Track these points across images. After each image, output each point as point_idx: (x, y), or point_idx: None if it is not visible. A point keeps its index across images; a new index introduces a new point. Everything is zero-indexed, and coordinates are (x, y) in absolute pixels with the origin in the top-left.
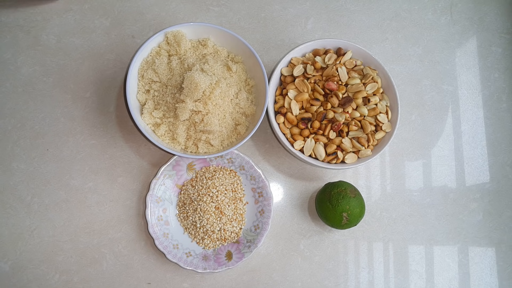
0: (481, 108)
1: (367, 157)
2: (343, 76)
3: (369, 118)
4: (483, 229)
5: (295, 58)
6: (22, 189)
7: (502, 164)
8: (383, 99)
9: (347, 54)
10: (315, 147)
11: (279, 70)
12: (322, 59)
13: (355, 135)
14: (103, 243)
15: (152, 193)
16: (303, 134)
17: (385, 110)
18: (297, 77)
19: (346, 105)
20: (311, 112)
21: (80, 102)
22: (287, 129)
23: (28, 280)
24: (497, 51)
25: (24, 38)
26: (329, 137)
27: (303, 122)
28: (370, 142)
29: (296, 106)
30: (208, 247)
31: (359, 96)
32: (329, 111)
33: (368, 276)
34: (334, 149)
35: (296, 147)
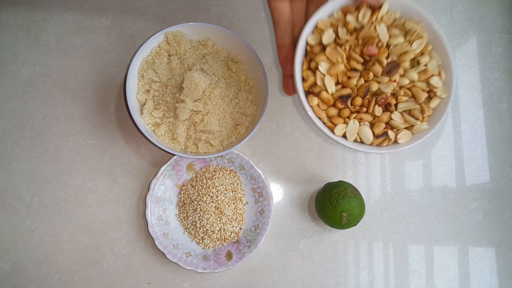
0: (481, 108)
1: (424, 132)
2: (383, 36)
3: (420, 84)
4: (483, 229)
5: (322, 21)
6: (22, 189)
7: (502, 164)
8: (433, 57)
9: (384, 6)
10: (359, 129)
11: (304, 40)
12: (355, 17)
13: (406, 107)
14: (103, 243)
15: (152, 193)
16: (343, 115)
17: (438, 71)
18: (327, 45)
19: (392, 72)
20: (350, 86)
21: (80, 102)
22: (322, 111)
23: (28, 280)
24: (497, 51)
25: (24, 38)
26: (375, 114)
27: (342, 100)
28: (425, 112)
29: (331, 81)
30: (208, 247)
31: (406, 59)
32: (372, 82)
33: (368, 276)
34: (383, 128)
35: (337, 133)
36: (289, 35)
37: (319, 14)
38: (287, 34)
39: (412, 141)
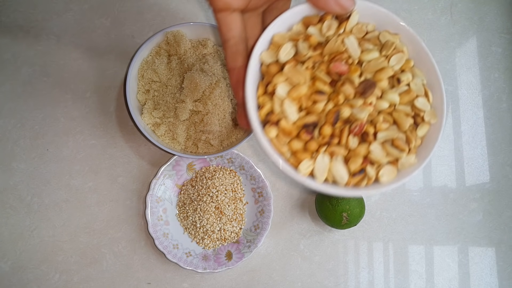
0: (481, 108)
1: (411, 168)
2: (354, 51)
3: (403, 107)
4: (483, 229)
5: (279, 35)
6: (22, 189)
7: (502, 164)
8: (416, 74)
9: (352, 16)
10: (331, 166)
11: (256, 57)
12: (318, 29)
13: (388, 136)
14: (103, 243)
15: (152, 193)
16: (309, 148)
17: (423, 91)
18: (286, 62)
19: (367, 92)
20: (316, 112)
21: (80, 102)
22: (283, 145)
23: (28, 280)
24: (497, 51)
25: (24, 38)
26: (350, 146)
27: (307, 130)
28: (411, 142)
29: (292, 107)
30: (208, 247)
31: (382, 77)
32: (343, 106)
33: (368, 276)
34: (360, 164)
35: (302, 171)
36: (242, 55)
37: (274, 26)
38: (239, 53)
39: (398, 179)
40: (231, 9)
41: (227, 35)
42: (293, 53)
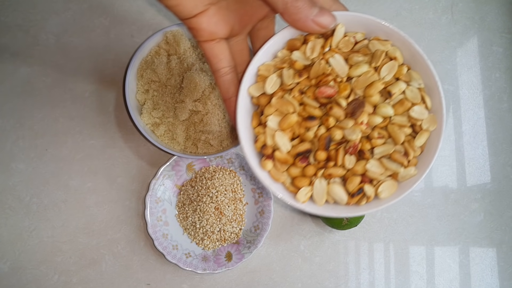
0: (482, 108)
1: (412, 180)
2: (341, 69)
3: (399, 118)
4: (484, 230)
5: (264, 65)
6: (21, 189)
7: (503, 164)
8: (412, 79)
9: (337, 30)
10: (329, 189)
11: (244, 93)
12: (303, 52)
13: (385, 151)
14: (102, 243)
15: (152, 193)
16: (307, 173)
17: (420, 98)
18: (273, 94)
19: (356, 113)
20: (309, 139)
21: (79, 102)
22: (282, 174)
23: (27, 281)
24: (498, 50)
25: (23, 37)
26: (346, 166)
27: (302, 157)
28: (409, 155)
29: (283, 138)
30: (208, 248)
31: (372, 92)
32: (334, 129)
33: (369, 277)
34: (358, 183)
35: (301, 199)
36: (234, 84)
37: (258, 58)
38: (232, 83)
39: (398, 193)
40: (216, 39)
41: (217, 66)
42: (279, 84)
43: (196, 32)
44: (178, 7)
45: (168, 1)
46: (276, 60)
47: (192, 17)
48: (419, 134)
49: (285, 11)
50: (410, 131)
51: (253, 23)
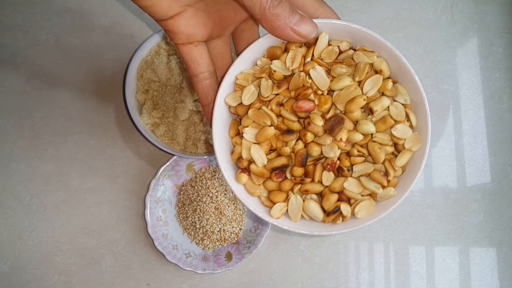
0: (482, 108)
1: (391, 201)
2: (321, 81)
3: (381, 136)
4: (484, 230)
5: (243, 74)
6: (21, 189)
7: (503, 164)
8: (398, 94)
9: (320, 39)
10: (305, 205)
11: (221, 102)
12: (283, 62)
13: (364, 169)
14: (102, 243)
15: (152, 193)
16: (284, 188)
17: (404, 115)
18: (250, 105)
19: (335, 130)
20: (285, 154)
21: (79, 102)
22: (257, 187)
23: (27, 281)
24: (498, 50)
25: (23, 37)
26: (324, 183)
27: (279, 172)
28: (389, 175)
29: (259, 152)
30: (208, 248)
31: (354, 108)
32: (311, 145)
33: (369, 277)
34: (335, 201)
35: (275, 214)
36: (213, 89)
37: (236, 66)
38: (211, 89)
39: (376, 214)
40: (195, 42)
41: (195, 70)
42: (256, 95)
43: (173, 34)
44: (152, 8)
45: (141, 1)
46: (255, 68)
47: (168, 18)
48: (401, 154)
49: (263, 18)
50: (392, 150)
51: (235, 25)
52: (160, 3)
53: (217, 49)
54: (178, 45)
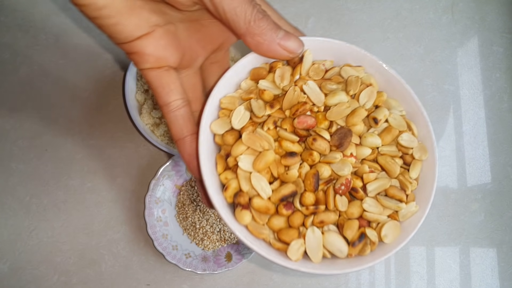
0: (482, 108)
1: (415, 217)
2: (316, 97)
3: (388, 149)
4: (485, 230)
5: (227, 97)
6: (20, 189)
7: (504, 164)
8: (391, 107)
9: (306, 56)
10: (324, 240)
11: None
12: (271, 81)
13: (380, 187)
14: (101, 244)
15: (151, 193)
16: (294, 223)
17: (405, 125)
18: (242, 129)
19: (344, 143)
20: (292, 180)
21: (78, 102)
22: (262, 228)
23: (27, 281)
24: (499, 50)
25: (22, 37)
26: (339, 209)
27: (287, 203)
28: (407, 189)
29: (262, 180)
30: (208, 248)
31: (356, 121)
32: (320, 165)
33: (369, 277)
34: (357, 228)
35: (293, 257)
36: (190, 121)
37: (219, 89)
38: (186, 119)
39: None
40: (165, 66)
41: (166, 98)
42: (248, 116)
43: (140, 57)
44: (116, 27)
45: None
46: (240, 91)
47: (135, 39)
48: (413, 165)
49: (248, 32)
50: (401, 163)
51: (206, 54)
52: (126, 21)
53: (187, 81)
54: (145, 71)
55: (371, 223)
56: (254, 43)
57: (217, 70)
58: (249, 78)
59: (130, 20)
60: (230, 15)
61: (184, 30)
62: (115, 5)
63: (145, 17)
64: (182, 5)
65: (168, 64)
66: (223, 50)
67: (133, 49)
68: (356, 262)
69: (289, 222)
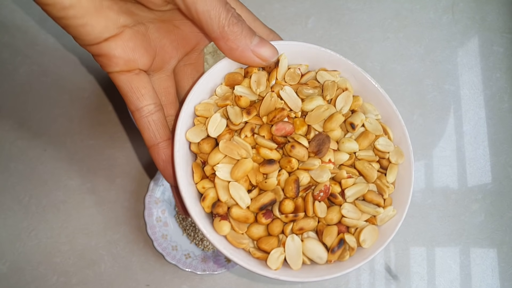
0: (483, 108)
1: (392, 222)
2: (293, 103)
3: (365, 153)
4: (485, 230)
5: (202, 104)
6: (19, 190)
7: (504, 164)
8: (366, 111)
9: (281, 61)
10: (304, 247)
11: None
12: (247, 86)
13: (358, 192)
14: (101, 244)
15: (151, 194)
16: (273, 231)
17: (381, 129)
18: (218, 137)
19: (322, 150)
20: (271, 188)
21: (78, 102)
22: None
23: (26, 282)
24: (499, 50)
25: (22, 37)
26: (318, 215)
27: (266, 211)
28: (385, 193)
29: (240, 189)
30: (208, 249)
31: (334, 126)
32: (299, 172)
33: (369, 277)
34: (336, 234)
35: (273, 265)
36: (163, 126)
37: (193, 96)
38: (160, 124)
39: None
40: (135, 69)
41: (138, 103)
42: (225, 124)
43: (108, 60)
44: (84, 28)
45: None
46: (215, 97)
47: (102, 41)
48: (389, 169)
49: (222, 36)
50: (378, 167)
51: (179, 57)
52: (94, 22)
53: (159, 84)
54: (113, 74)
55: (349, 228)
56: (227, 48)
57: (191, 72)
58: (224, 83)
59: (97, 21)
60: (203, 17)
61: (155, 31)
62: (82, 5)
63: (113, 17)
64: (154, 5)
65: (138, 67)
66: (197, 52)
67: (100, 51)
68: (335, 268)
69: (269, 231)
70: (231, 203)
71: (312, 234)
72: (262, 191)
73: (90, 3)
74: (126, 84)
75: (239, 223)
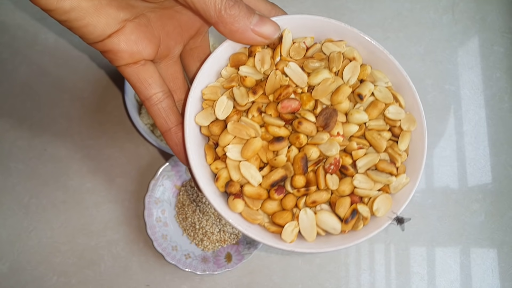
0: (483, 108)
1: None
2: (299, 79)
3: (375, 123)
4: (485, 231)
5: (209, 88)
6: (19, 189)
7: (504, 164)
8: (376, 79)
9: (285, 36)
10: (317, 219)
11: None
12: (252, 66)
13: (369, 162)
14: (101, 244)
15: (151, 194)
16: (287, 205)
17: (391, 97)
18: (227, 119)
19: (330, 123)
20: (281, 164)
21: (78, 102)
22: (256, 212)
23: (26, 282)
24: (499, 50)
25: (22, 37)
26: (330, 188)
27: (278, 187)
28: (397, 161)
29: (251, 168)
30: (207, 249)
31: (341, 98)
32: (307, 147)
33: (370, 278)
34: (349, 205)
35: (288, 238)
36: (173, 112)
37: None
38: (170, 111)
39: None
40: (141, 60)
41: (147, 93)
42: (232, 106)
43: (114, 55)
44: (87, 28)
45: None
46: (222, 80)
47: (106, 38)
48: (401, 137)
49: (220, 21)
50: (390, 135)
51: (183, 42)
52: (95, 21)
53: (166, 71)
54: (121, 68)
55: (363, 198)
56: (228, 32)
57: (198, 55)
58: (229, 65)
59: (98, 20)
60: (199, 5)
61: (157, 20)
62: (81, 6)
63: (113, 14)
64: None
65: (143, 57)
66: (201, 35)
67: (105, 47)
68: (350, 238)
69: (282, 205)
70: (243, 181)
71: (325, 207)
72: (273, 168)
73: (89, 3)
74: (134, 75)
75: (253, 200)
